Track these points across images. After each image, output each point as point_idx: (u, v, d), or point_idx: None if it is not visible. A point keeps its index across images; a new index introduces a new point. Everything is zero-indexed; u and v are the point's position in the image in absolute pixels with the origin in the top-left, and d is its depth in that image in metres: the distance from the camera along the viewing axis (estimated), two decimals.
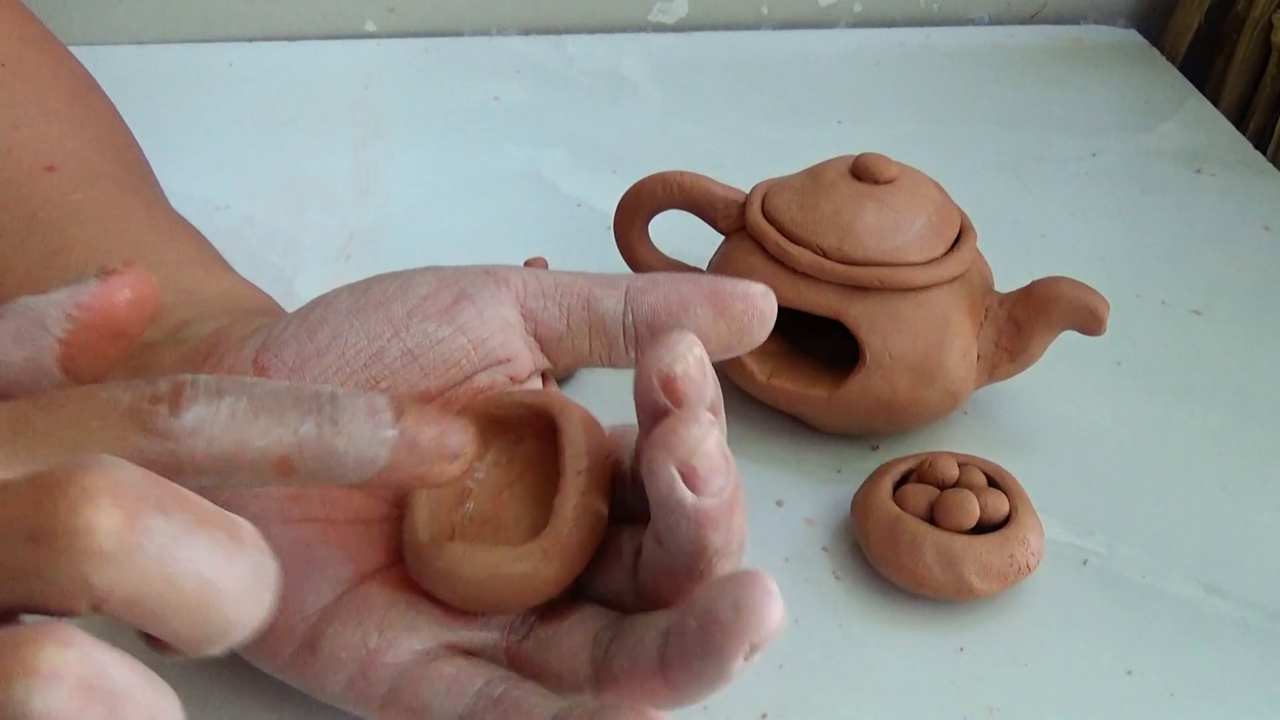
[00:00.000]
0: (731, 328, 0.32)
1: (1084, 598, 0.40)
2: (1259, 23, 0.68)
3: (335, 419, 0.25)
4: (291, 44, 0.68)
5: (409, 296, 0.32)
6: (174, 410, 0.24)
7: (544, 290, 0.33)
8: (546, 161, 0.60)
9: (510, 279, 0.33)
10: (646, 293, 0.32)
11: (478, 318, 0.32)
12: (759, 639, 0.25)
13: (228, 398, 0.24)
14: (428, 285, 0.32)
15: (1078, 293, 0.42)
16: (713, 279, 0.33)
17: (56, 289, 0.28)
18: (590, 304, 0.33)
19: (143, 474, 0.21)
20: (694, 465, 0.26)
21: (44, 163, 0.41)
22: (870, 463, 0.43)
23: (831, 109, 0.66)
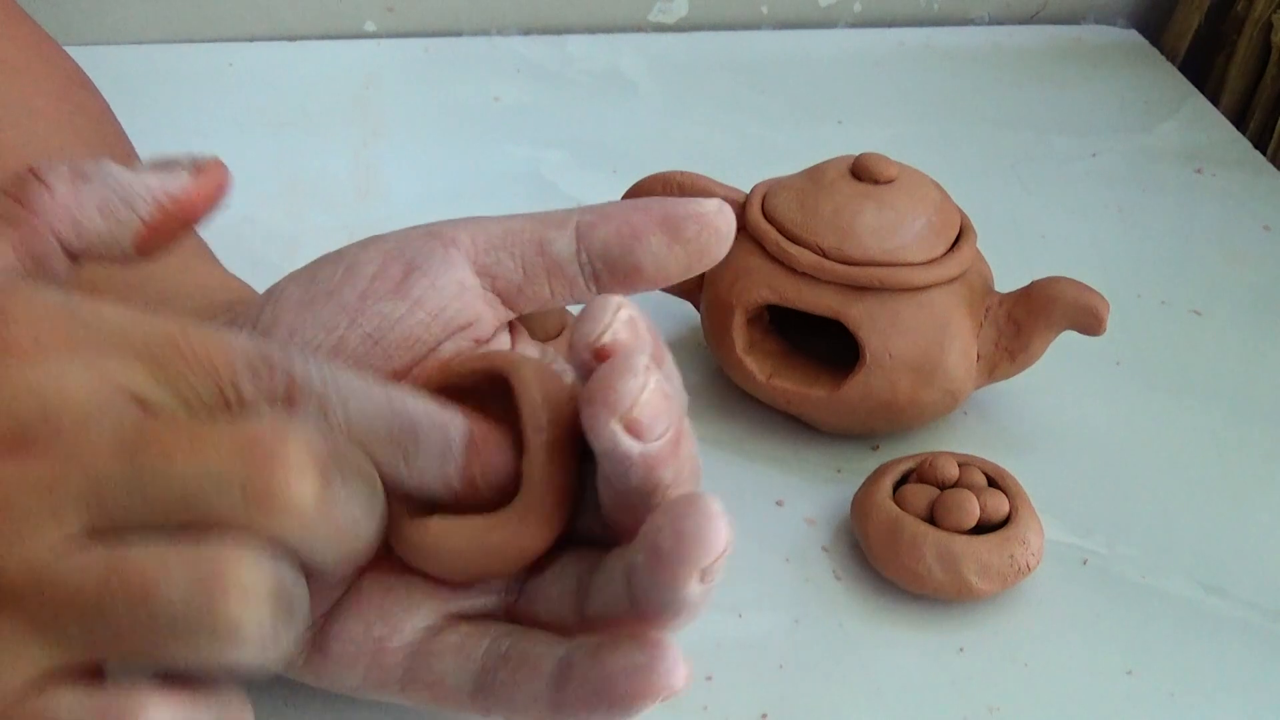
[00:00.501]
0: (688, 250, 0.32)
1: (1084, 598, 0.40)
2: (1259, 23, 0.68)
3: (410, 453, 0.27)
4: (291, 44, 0.68)
5: (358, 279, 0.32)
6: (289, 407, 0.26)
7: (493, 242, 0.33)
8: (546, 161, 0.60)
9: (458, 237, 0.32)
10: (596, 227, 0.32)
11: (431, 288, 0.32)
12: (705, 562, 0.25)
13: (329, 412, 0.27)
14: (373, 262, 0.32)
15: (1078, 293, 0.42)
16: (663, 203, 0.32)
17: (145, 169, 0.29)
18: (542, 248, 0.32)
19: (322, 437, 0.24)
20: (635, 417, 0.26)
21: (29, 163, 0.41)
22: (870, 463, 0.43)
23: (831, 109, 0.66)
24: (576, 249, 0.32)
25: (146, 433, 0.24)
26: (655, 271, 0.32)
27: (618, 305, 0.28)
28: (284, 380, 0.26)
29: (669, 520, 0.26)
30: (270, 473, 0.24)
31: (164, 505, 0.24)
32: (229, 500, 0.24)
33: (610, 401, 0.26)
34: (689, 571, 0.26)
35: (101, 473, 0.24)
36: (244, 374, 0.26)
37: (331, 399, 0.27)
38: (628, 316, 0.28)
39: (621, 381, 0.26)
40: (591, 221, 0.32)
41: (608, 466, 0.28)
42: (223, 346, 0.26)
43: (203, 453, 0.24)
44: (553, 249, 0.32)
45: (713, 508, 0.26)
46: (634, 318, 0.28)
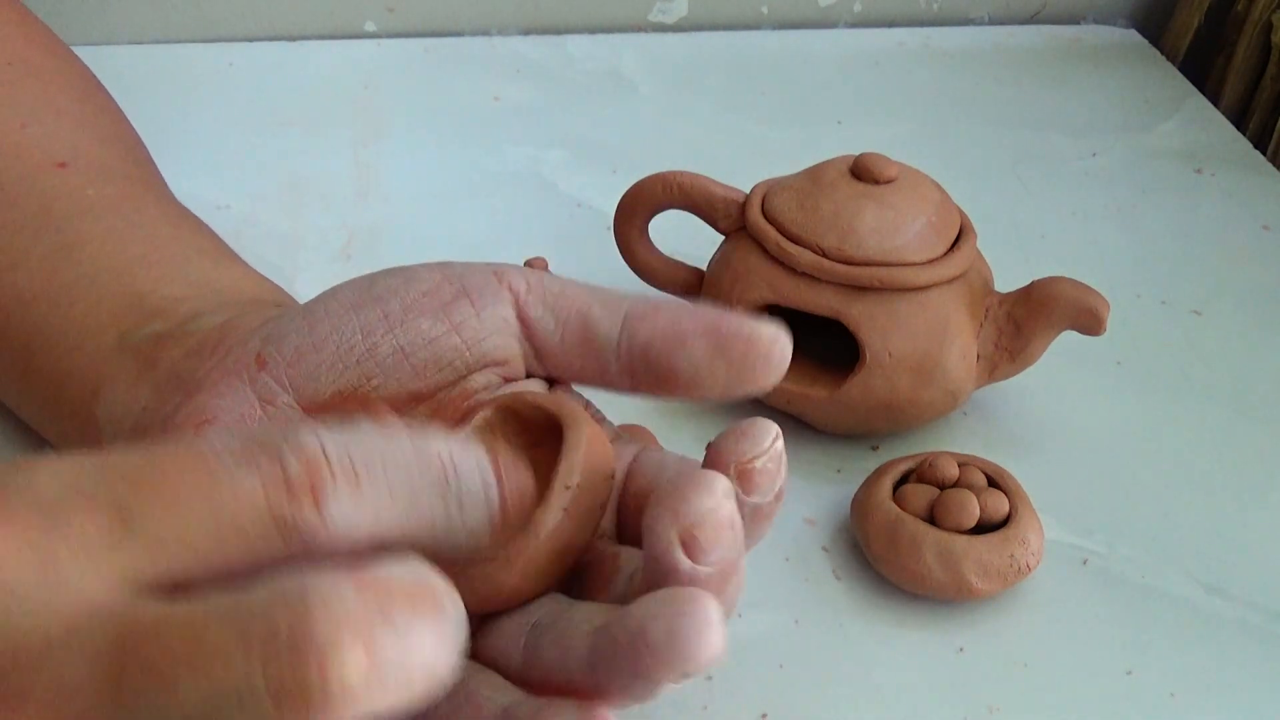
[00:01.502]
0: (730, 369, 0.30)
1: (1084, 598, 0.40)
2: (1259, 23, 0.68)
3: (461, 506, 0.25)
4: (291, 44, 0.68)
5: (409, 291, 0.32)
6: (318, 510, 0.22)
7: (544, 298, 0.32)
8: (546, 161, 0.60)
9: (514, 281, 0.32)
10: (645, 319, 0.31)
11: (474, 317, 0.32)
12: (691, 668, 0.24)
13: (365, 486, 0.23)
14: (430, 280, 0.32)
15: (1078, 293, 0.42)
16: (718, 315, 0.30)
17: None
18: (586, 322, 0.32)
19: (355, 588, 0.20)
20: (695, 535, 0.25)
21: (55, 160, 0.41)
22: (870, 463, 0.43)
23: (831, 109, 0.66)
24: (619, 337, 0.31)
25: (133, 651, 0.20)
26: (691, 381, 0.30)
27: (776, 434, 0.28)
28: (299, 464, 0.23)
29: (667, 613, 0.24)
30: (300, 665, 0.19)
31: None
32: (261, 715, 0.20)
33: (676, 509, 0.25)
34: (670, 672, 0.24)
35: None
36: (240, 473, 0.22)
37: (365, 469, 0.23)
38: (780, 450, 0.28)
39: (696, 495, 0.25)
40: (642, 313, 0.31)
41: (651, 572, 0.26)
42: (192, 460, 0.22)
43: (208, 666, 0.20)
44: (596, 327, 0.32)
45: (714, 616, 0.24)
46: (783, 454, 0.28)
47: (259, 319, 0.33)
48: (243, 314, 0.34)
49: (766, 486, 0.28)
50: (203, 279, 0.38)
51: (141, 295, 0.36)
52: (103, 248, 0.38)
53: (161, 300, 0.36)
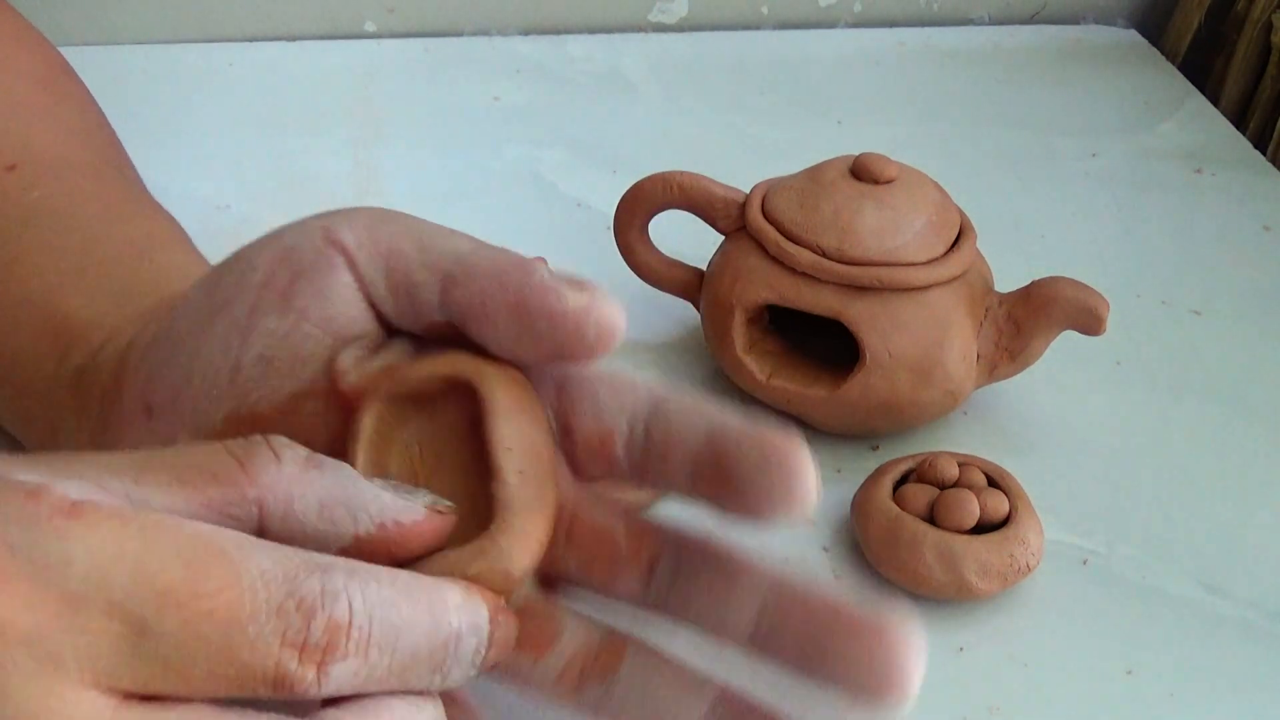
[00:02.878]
0: (538, 345, 0.28)
1: (1084, 598, 0.40)
2: (1259, 23, 0.68)
3: (449, 672, 0.25)
4: (291, 44, 0.68)
5: (247, 288, 0.30)
6: (319, 675, 0.23)
7: (374, 257, 0.30)
8: (546, 161, 0.60)
9: (344, 238, 0.30)
10: (458, 288, 0.29)
11: (317, 296, 0.29)
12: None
13: (372, 657, 0.24)
14: (264, 267, 0.30)
15: (1078, 293, 0.42)
16: (529, 286, 0.28)
17: (384, 487, 0.26)
18: (411, 287, 0.29)
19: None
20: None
21: (5, 162, 0.40)
22: (870, 463, 0.43)
23: (831, 109, 0.66)
24: (438, 304, 0.29)
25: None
26: (502, 353, 0.29)
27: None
28: (324, 628, 0.23)
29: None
30: None
31: None
32: None
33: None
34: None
35: None
36: (267, 627, 0.23)
37: (375, 642, 0.24)
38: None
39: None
40: (454, 281, 0.29)
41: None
42: (228, 593, 0.23)
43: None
44: (419, 295, 0.29)
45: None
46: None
47: (145, 339, 0.32)
48: (139, 334, 0.33)
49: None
50: (123, 286, 0.36)
51: (66, 317, 0.36)
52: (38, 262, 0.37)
53: (85, 322, 0.35)
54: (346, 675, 0.23)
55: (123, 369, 0.32)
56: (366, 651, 0.23)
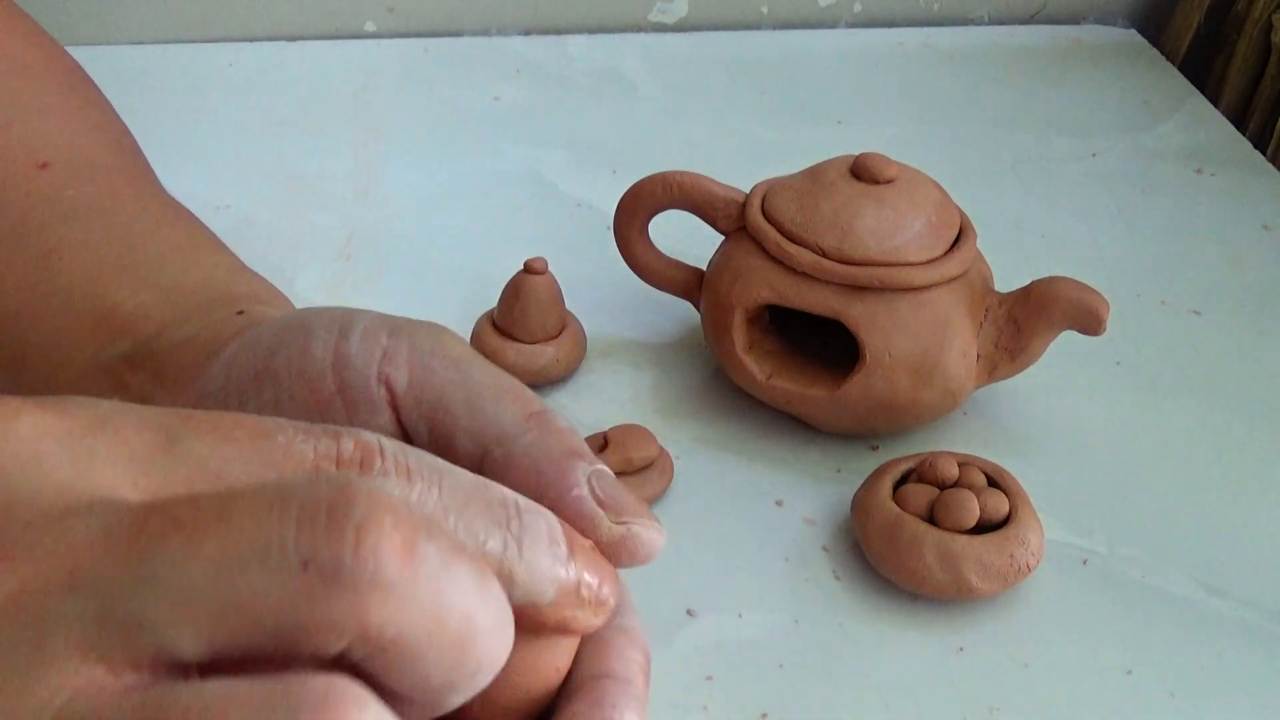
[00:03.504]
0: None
1: (1084, 598, 0.40)
2: (1259, 23, 0.68)
3: (520, 540, 0.23)
4: (291, 44, 0.68)
5: (298, 374, 0.29)
6: (366, 475, 0.22)
7: (420, 405, 0.28)
8: (546, 161, 0.60)
9: (395, 377, 0.28)
10: (495, 471, 0.27)
11: (346, 422, 0.28)
12: None
13: (418, 483, 0.22)
14: (318, 361, 0.29)
15: (1078, 293, 0.42)
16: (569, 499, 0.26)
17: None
18: (450, 452, 0.28)
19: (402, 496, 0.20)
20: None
21: (38, 160, 0.41)
22: (870, 463, 0.43)
23: (831, 109, 0.66)
24: (478, 470, 0.27)
25: (159, 509, 0.19)
26: None
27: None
28: (354, 445, 0.22)
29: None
30: (335, 534, 0.18)
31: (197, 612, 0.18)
32: (289, 587, 0.18)
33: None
34: None
35: (95, 576, 0.19)
36: (298, 439, 0.22)
37: (416, 469, 0.22)
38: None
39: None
40: (495, 460, 0.27)
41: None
42: (257, 422, 0.22)
43: (240, 522, 0.19)
44: (458, 458, 0.27)
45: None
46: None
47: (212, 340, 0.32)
48: (202, 329, 0.34)
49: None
50: (173, 281, 0.37)
51: (113, 307, 0.36)
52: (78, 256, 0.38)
53: (130, 313, 0.36)
54: (398, 492, 0.22)
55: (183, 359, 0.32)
56: (408, 474, 0.22)
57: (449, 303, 0.50)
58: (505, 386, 0.28)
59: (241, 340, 0.31)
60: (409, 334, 0.29)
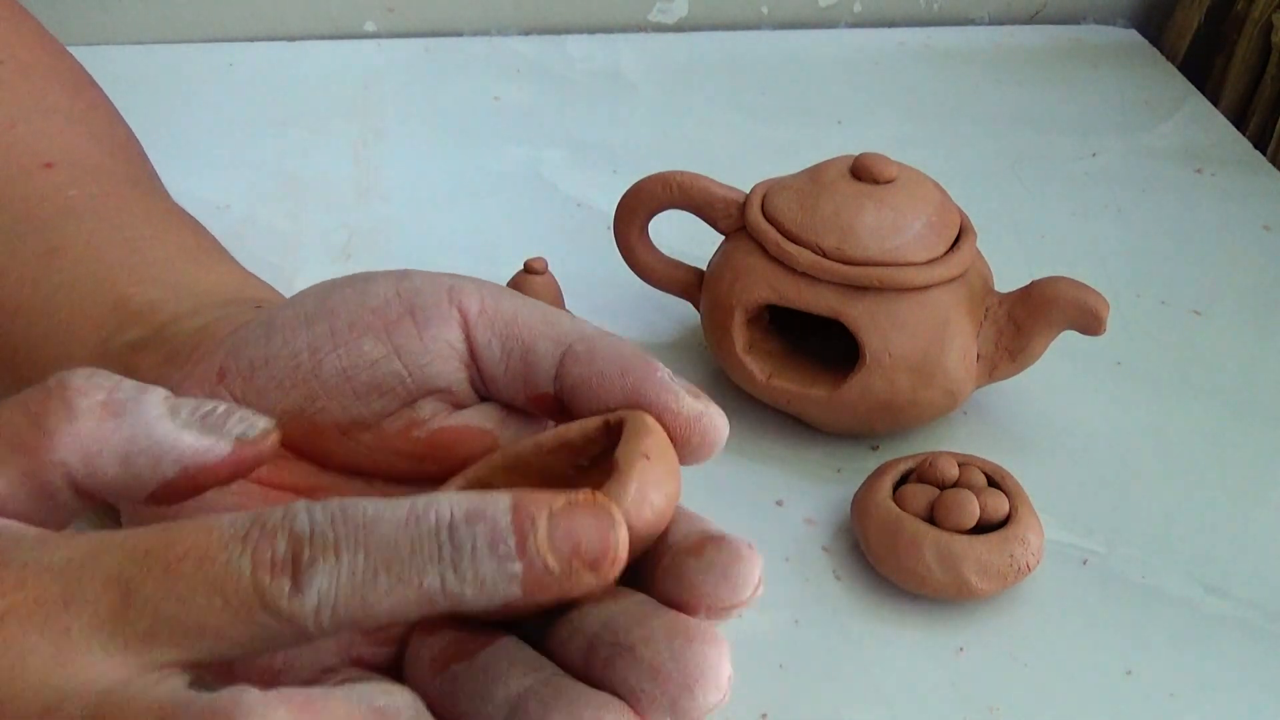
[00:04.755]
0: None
1: (1084, 598, 0.40)
2: (1259, 23, 0.68)
3: (457, 563, 0.23)
4: (291, 44, 0.68)
5: (359, 306, 0.31)
6: (295, 586, 0.23)
7: (494, 323, 0.31)
8: (546, 161, 0.60)
9: (466, 300, 0.31)
10: (578, 363, 0.29)
11: (416, 339, 0.30)
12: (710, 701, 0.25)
13: (345, 556, 0.23)
14: (381, 295, 0.31)
15: (1078, 293, 0.42)
16: (647, 378, 0.29)
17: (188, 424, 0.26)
18: (529, 355, 0.30)
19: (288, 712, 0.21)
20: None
21: (42, 160, 0.41)
22: (870, 463, 0.43)
23: (831, 109, 0.66)
24: (555, 374, 0.30)
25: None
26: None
27: (758, 579, 0.27)
28: (286, 541, 0.23)
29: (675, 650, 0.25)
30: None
31: None
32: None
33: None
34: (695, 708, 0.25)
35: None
36: (235, 552, 0.23)
37: (343, 540, 0.23)
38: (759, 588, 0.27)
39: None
40: (578, 354, 0.30)
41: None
42: (199, 538, 0.23)
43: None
44: (538, 364, 0.30)
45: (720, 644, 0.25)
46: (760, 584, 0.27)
47: (232, 324, 0.33)
48: (219, 318, 0.34)
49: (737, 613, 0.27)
50: (182, 281, 0.37)
51: (122, 300, 0.36)
52: (84, 253, 0.38)
53: (141, 305, 0.36)
54: (326, 581, 0.23)
55: (202, 339, 0.33)
56: (337, 551, 0.23)
57: None
58: (571, 314, 0.31)
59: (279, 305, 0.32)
60: (472, 281, 0.32)
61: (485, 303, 0.31)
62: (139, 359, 0.34)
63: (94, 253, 0.38)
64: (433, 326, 0.30)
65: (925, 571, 0.38)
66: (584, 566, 0.24)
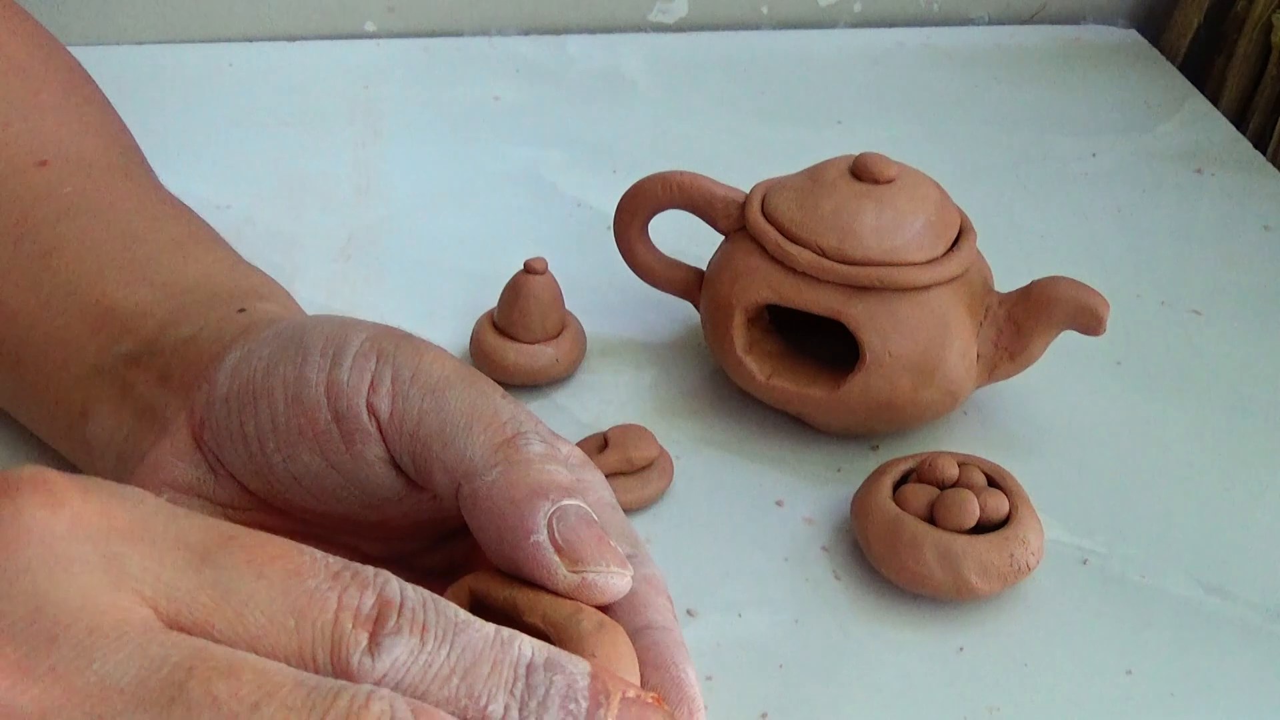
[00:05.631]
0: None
1: (1084, 598, 0.40)
2: (1259, 23, 0.68)
3: (526, 701, 0.23)
4: (291, 44, 0.68)
5: (294, 400, 0.29)
6: (373, 645, 0.22)
7: (400, 434, 0.29)
8: (546, 161, 0.60)
9: (380, 405, 0.29)
10: (464, 508, 0.28)
11: (344, 455, 0.29)
12: None
13: (430, 642, 0.23)
14: (312, 392, 0.29)
15: (1078, 293, 0.42)
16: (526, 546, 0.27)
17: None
18: (430, 481, 0.29)
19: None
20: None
21: (36, 158, 0.41)
22: (870, 463, 0.43)
23: (831, 109, 0.66)
24: (457, 503, 0.29)
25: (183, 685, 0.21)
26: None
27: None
28: (375, 598, 0.23)
29: None
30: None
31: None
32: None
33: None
34: None
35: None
36: (325, 583, 0.23)
37: (432, 626, 0.23)
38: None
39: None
40: (465, 498, 0.28)
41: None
42: (292, 552, 0.23)
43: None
44: (440, 490, 0.29)
45: None
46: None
47: (216, 339, 0.33)
48: (204, 327, 0.34)
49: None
50: (171, 278, 0.37)
51: (111, 307, 0.36)
52: (78, 252, 0.38)
53: (129, 311, 0.36)
54: (405, 654, 0.23)
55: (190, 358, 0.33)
56: (422, 633, 0.23)
57: (449, 303, 0.50)
58: (477, 413, 0.28)
59: (244, 348, 0.31)
60: (393, 357, 0.29)
61: (394, 408, 0.29)
62: (134, 375, 0.34)
63: (87, 253, 0.38)
64: (357, 442, 0.29)
65: (925, 571, 0.38)
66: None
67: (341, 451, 0.29)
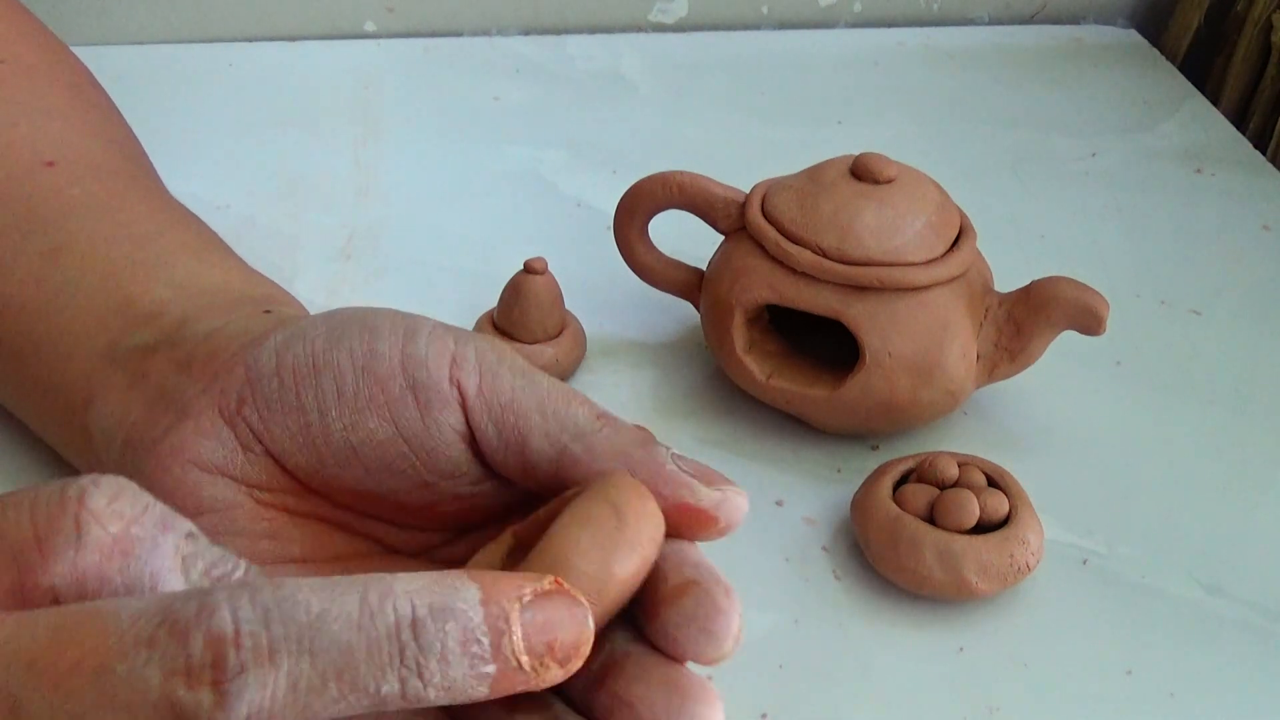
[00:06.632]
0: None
1: (1084, 598, 0.40)
2: (1259, 23, 0.68)
3: (422, 667, 0.21)
4: (291, 44, 0.68)
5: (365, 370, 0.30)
6: (220, 700, 0.20)
7: (491, 407, 0.30)
8: (546, 161, 0.60)
9: (466, 380, 0.30)
10: (578, 465, 0.29)
11: (419, 422, 0.30)
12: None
13: (284, 663, 0.20)
14: (387, 362, 0.30)
15: (1078, 293, 0.42)
16: (663, 473, 0.28)
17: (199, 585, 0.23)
18: (525, 448, 0.30)
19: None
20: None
21: (43, 158, 0.41)
22: (870, 463, 0.43)
23: (831, 109, 0.66)
24: (554, 470, 0.29)
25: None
26: None
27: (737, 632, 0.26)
28: (202, 643, 0.20)
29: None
30: None
31: None
32: None
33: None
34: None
35: None
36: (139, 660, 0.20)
37: (281, 643, 0.20)
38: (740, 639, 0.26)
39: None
40: (576, 455, 0.29)
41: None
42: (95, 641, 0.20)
43: None
44: (535, 459, 0.29)
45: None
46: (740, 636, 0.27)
47: (244, 333, 0.33)
48: (229, 322, 0.34)
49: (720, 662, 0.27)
50: (188, 279, 0.37)
51: (128, 300, 0.36)
52: (88, 251, 0.38)
53: (148, 306, 0.36)
54: (258, 694, 0.20)
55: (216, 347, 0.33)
56: (273, 657, 0.20)
57: (449, 303, 0.50)
58: (572, 393, 0.30)
59: (290, 329, 0.32)
60: (472, 341, 0.31)
61: (483, 382, 0.30)
62: (150, 364, 0.34)
63: (97, 250, 0.38)
64: (434, 409, 0.30)
65: (925, 571, 0.38)
66: (555, 663, 0.23)
67: (416, 418, 0.30)
